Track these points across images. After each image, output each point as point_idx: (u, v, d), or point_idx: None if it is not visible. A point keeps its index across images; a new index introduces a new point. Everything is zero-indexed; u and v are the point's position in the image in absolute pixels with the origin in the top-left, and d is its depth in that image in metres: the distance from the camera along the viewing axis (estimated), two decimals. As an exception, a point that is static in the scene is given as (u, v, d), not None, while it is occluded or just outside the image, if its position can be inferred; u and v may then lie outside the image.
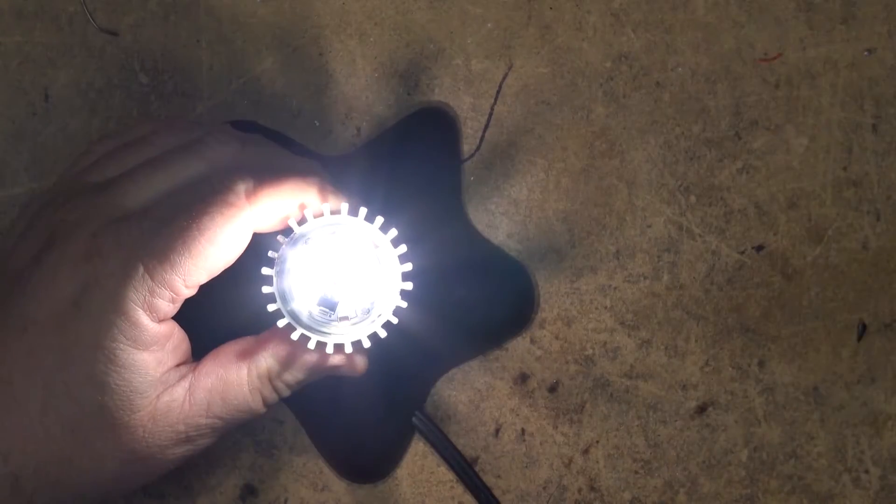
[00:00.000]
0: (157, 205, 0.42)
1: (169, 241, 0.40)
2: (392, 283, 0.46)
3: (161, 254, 0.40)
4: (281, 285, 0.46)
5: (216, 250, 0.41)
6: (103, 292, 0.41)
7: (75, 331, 0.41)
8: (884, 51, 0.49)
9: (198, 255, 0.41)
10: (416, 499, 0.49)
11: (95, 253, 0.41)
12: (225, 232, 0.41)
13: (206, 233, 0.41)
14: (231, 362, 0.44)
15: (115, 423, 0.41)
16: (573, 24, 0.50)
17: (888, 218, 0.49)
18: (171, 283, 0.41)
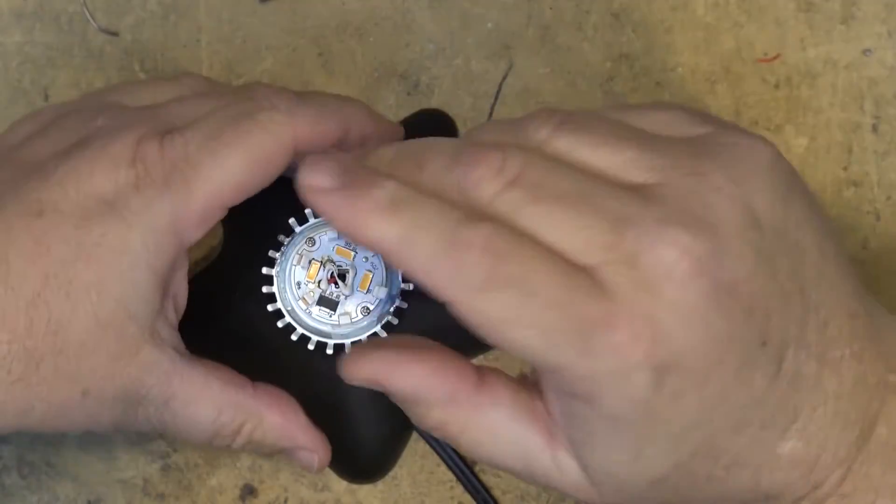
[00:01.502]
0: (204, 120, 0.40)
1: (211, 155, 0.39)
2: (392, 283, 0.46)
3: (203, 167, 0.39)
4: (281, 285, 0.46)
5: (256, 167, 0.40)
6: (142, 200, 0.39)
7: (101, 230, 0.39)
8: (884, 51, 0.49)
9: (238, 170, 0.39)
10: (416, 499, 0.49)
11: (140, 158, 0.39)
12: (267, 147, 0.40)
13: (250, 147, 0.39)
14: (220, 386, 0.42)
15: (100, 341, 0.39)
16: (573, 24, 0.50)
17: (888, 218, 0.49)
18: (209, 199, 0.39)
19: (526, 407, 0.37)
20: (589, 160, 0.35)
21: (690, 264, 0.33)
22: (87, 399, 0.40)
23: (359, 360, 0.37)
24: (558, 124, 0.35)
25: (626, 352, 0.32)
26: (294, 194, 0.47)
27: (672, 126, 0.36)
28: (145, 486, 0.49)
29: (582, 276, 0.33)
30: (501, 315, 0.33)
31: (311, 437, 0.44)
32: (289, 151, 0.40)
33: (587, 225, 0.33)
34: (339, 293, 0.46)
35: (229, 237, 0.49)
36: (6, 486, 0.49)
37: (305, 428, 0.43)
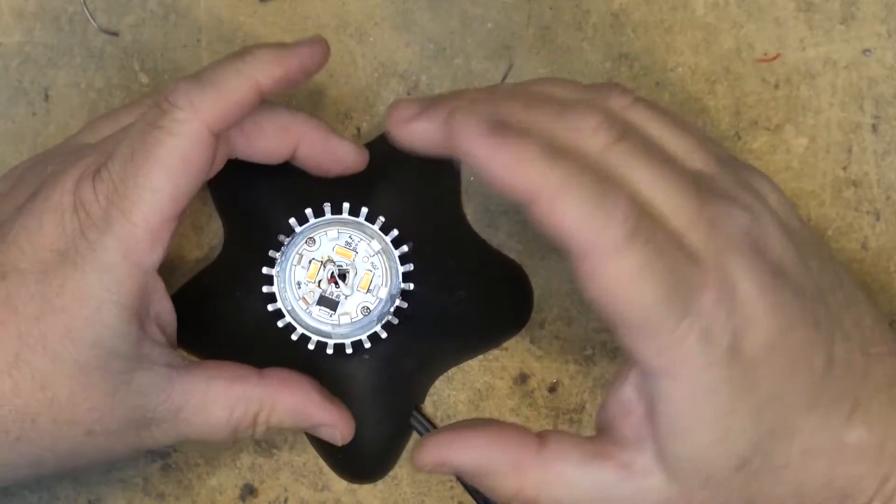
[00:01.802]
0: (120, 143, 0.40)
1: (133, 179, 0.39)
2: (392, 283, 0.46)
3: (131, 193, 0.39)
4: (281, 285, 0.46)
5: (179, 173, 0.39)
6: (88, 244, 0.39)
7: (60, 281, 0.39)
8: (883, 51, 0.49)
9: (163, 184, 0.39)
10: (416, 499, 0.49)
11: (79, 203, 0.40)
12: (180, 149, 0.39)
13: (163, 158, 0.39)
14: (226, 380, 0.43)
15: (88, 384, 0.40)
16: (573, 24, 0.50)
17: (888, 218, 0.49)
18: (150, 221, 0.39)
19: (593, 451, 0.38)
20: (661, 138, 0.37)
21: (751, 243, 0.35)
22: (94, 437, 0.41)
23: (423, 448, 0.39)
24: (634, 99, 0.38)
25: (713, 313, 0.34)
26: (294, 194, 0.47)
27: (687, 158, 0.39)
28: (145, 486, 0.49)
29: (677, 237, 0.35)
30: (632, 273, 0.34)
31: (329, 413, 0.44)
32: (207, 141, 0.40)
33: (678, 190, 0.35)
34: (339, 293, 0.46)
35: (229, 237, 0.49)
36: (7, 486, 0.49)
37: (320, 404, 0.44)
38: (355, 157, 0.45)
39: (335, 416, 0.44)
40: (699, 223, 0.35)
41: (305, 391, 0.44)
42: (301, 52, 0.42)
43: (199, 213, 0.50)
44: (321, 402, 0.44)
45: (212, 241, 0.50)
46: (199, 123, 0.40)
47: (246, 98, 0.40)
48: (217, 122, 0.40)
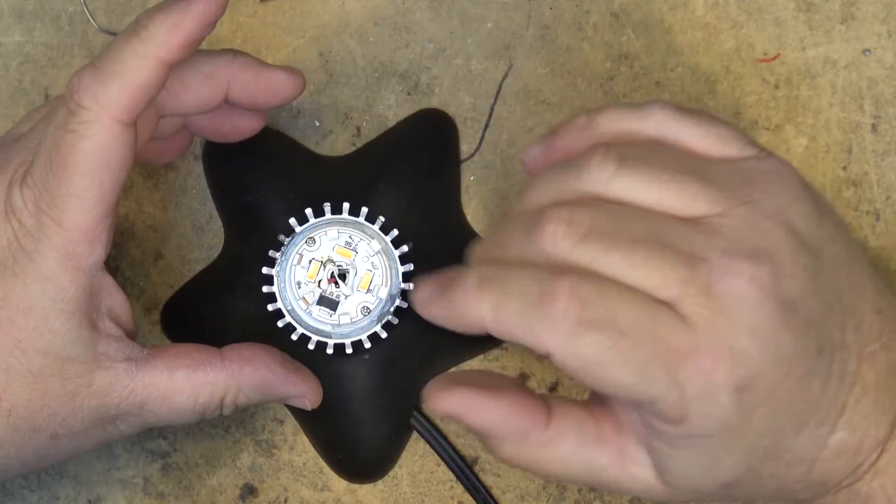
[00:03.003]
0: (41, 143, 0.40)
1: (56, 181, 0.38)
2: (392, 283, 0.46)
3: (57, 196, 0.38)
4: (281, 285, 0.46)
5: (99, 167, 0.38)
6: (25, 253, 0.39)
7: (2, 294, 0.39)
8: (883, 51, 0.49)
9: (86, 182, 0.38)
10: (416, 498, 0.49)
11: (10, 211, 0.39)
12: (89, 146, 0.38)
13: (78, 155, 0.38)
14: (188, 368, 0.42)
15: (46, 392, 0.40)
16: (573, 24, 0.50)
17: (888, 218, 0.49)
18: (82, 221, 0.39)
19: (593, 434, 0.39)
20: (655, 199, 0.37)
21: (758, 291, 0.35)
22: (59, 440, 0.41)
23: (442, 393, 0.38)
24: (619, 163, 0.37)
25: (711, 376, 0.35)
26: (294, 194, 0.47)
27: (723, 145, 0.39)
28: (145, 486, 0.49)
29: (663, 309, 0.35)
30: (596, 358, 0.35)
31: (293, 385, 0.44)
32: (121, 134, 0.39)
33: (662, 263, 0.36)
34: (339, 293, 0.46)
35: (229, 237, 0.49)
36: (6, 485, 0.49)
37: (285, 377, 0.43)
38: (291, 84, 0.44)
39: (300, 386, 0.44)
40: (691, 291, 0.35)
41: (268, 366, 0.43)
42: (196, 7, 0.39)
43: (199, 213, 0.50)
44: (285, 374, 0.43)
45: (212, 241, 0.50)
46: (109, 120, 0.38)
47: (152, 79, 0.39)
48: (127, 114, 0.39)
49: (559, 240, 0.36)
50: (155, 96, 0.39)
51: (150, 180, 0.50)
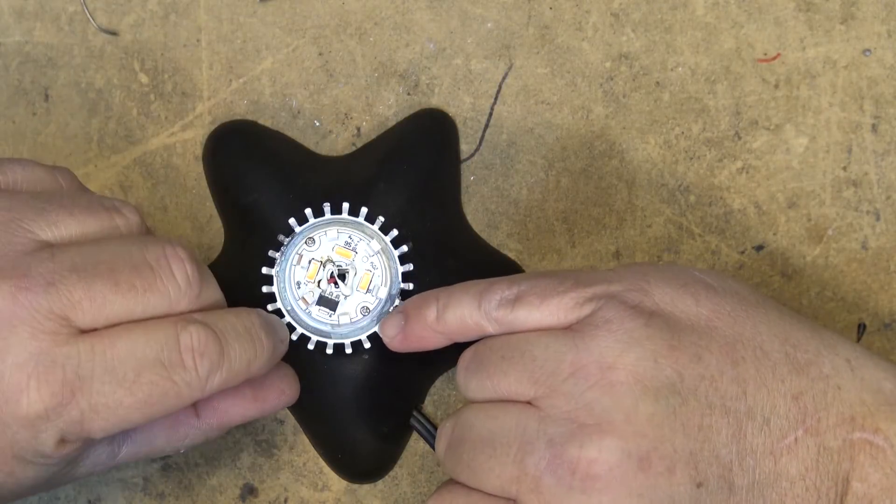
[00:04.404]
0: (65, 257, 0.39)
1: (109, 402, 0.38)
2: (392, 283, 0.46)
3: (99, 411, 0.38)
4: (281, 285, 0.46)
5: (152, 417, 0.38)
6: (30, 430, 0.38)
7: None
8: (883, 51, 0.49)
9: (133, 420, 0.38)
10: (416, 498, 0.49)
11: (42, 381, 0.37)
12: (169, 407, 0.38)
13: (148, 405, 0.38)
14: (166, 434, 0.42)
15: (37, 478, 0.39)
16: (573, 24, 0.50)
17: (888, 218, 0.49)
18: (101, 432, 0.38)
19: None
20: (492, 393, 0.40)
21: (585, 472, 0.37)
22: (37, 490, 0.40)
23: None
24: (465, 370, 0.41)
25: None
26: (294, 194, 0.47)
27: (558, 318, 0.40)
28: (145, 486, 0.49)
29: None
30: None
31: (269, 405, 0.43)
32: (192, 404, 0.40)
33: (496, 467, 0.38)
34: (338, 293, 0.46)
35: (229, 237, 0.49)
36: (6, 485, 0.49)
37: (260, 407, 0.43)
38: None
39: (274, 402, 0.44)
40: (525, 488, 0.38)
41: (242, 407, 0.43)
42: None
43: (199, 213, 0.50)
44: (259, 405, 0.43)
45: (212, 241, 0.50)
46: (201, 396, 0.39)
47: (238, 382, 0.40)
48: (208, 395, 0.39)
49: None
50: None
51: (150, 180, 0.50)
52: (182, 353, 0.38)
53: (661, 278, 0.40)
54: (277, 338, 0.42)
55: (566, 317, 0.40)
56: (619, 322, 0.39)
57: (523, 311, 0.40)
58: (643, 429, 0.37)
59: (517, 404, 0.39)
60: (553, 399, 0.38)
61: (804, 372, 0.39)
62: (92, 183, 0.50)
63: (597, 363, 0.38)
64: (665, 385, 0.37)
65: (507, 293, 0.41)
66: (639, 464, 0.37)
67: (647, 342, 0.38)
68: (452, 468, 0.40)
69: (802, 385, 0.38)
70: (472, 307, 0.41)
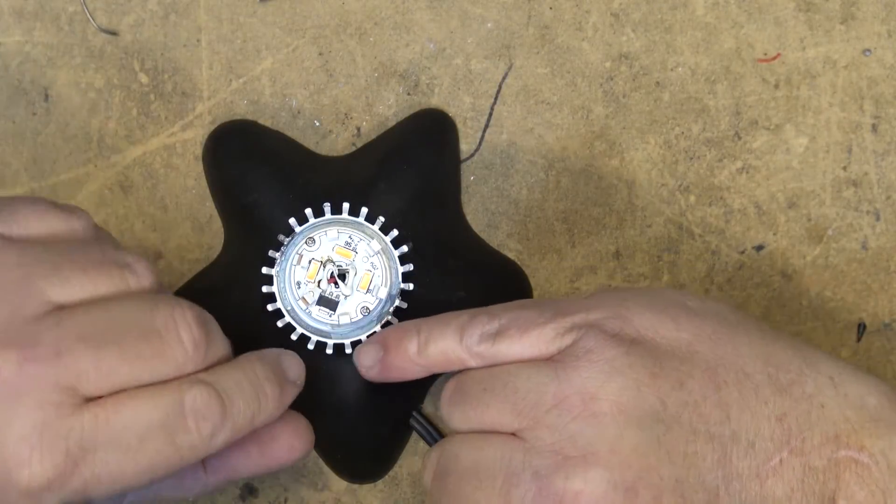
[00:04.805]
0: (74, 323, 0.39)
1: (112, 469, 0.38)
2: (392, 283, 0.46)
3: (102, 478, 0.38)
4: (281, 285, 0.46)
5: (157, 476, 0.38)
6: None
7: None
8: (883, 51, 0.49)
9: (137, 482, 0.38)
10: (416, 498, 0.49)
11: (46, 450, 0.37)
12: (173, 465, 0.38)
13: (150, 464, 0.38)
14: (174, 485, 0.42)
15: None
16: (573, 24, 0.50)
17: (888, 218, 0.49)
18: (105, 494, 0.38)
19: None
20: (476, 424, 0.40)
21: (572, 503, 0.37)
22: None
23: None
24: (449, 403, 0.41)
25: None
26: (294, 194, 0.47)
27: (539, 349, 0.40)
28: (145, 486, 0.49)
29: None
30: None
31: (276, 460, 0.43)
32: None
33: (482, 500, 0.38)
34: (338, 293, 0.46)
35: (229, 237, 0.49)
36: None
37: (266, 464, 0.43)
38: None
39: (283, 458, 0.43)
40: None
41: (249, 464, 0.43)
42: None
43: (199, 213, 0.50)
44: (265, 463, 0.43)
45: (212, 241, 0.50)
46: (205, 455, 0.39)
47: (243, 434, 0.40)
48: (212, 453, 0.39)
49: None
50: None
51: (150, 180, 0.50)
52: (186, 417, 0.38)
53: (640, 304, 0.40)
54: (288, 382, 0.42)
55: (547, 348, 0.40)
56: (600, 351, 0.39)
57: (504, 344, 0.41)
58: (628, 459, 0.37)
59: (501, 436, 0.39)
60: (537, 431, 0.38)
61: (787, 392, 0.39)
62: (92, 183, 0.50)
63: (579, 394, 0.38)
64: (648, 414, 0.38)
65: (487, 327, 0.41)
66: (625, 494, 0.37)
67: (629, 371, 0.38)
68: (438, 499, 0.40)
69: (786, 406, 0.38)
70: (454, 341, 0.41)
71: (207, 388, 0.38)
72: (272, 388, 0.41)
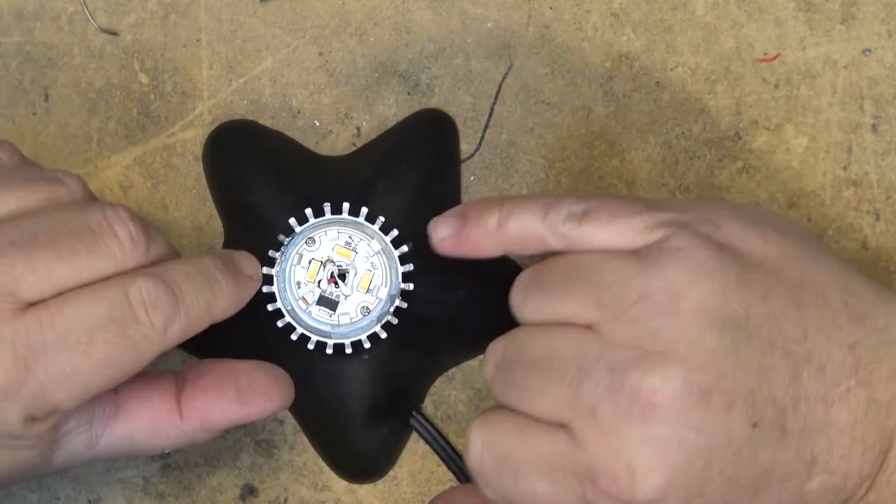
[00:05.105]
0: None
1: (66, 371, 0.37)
2: (392, 283, 0.46)
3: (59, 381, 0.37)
4: (281, 285, 0.46)
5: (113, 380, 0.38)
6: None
7: None
8: (883, 51, 0.49)
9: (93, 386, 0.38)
10: (416, 499, 0.49)
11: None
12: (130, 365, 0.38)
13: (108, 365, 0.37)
14: (148, 435, 0.41)
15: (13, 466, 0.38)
16: (573, 24, 0.50)
17: (888, 218, 0.49)
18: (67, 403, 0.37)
19: None
20: (550, 313, 0.39)
21: (646, 400, 0.36)
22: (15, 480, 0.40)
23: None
24: (523, 290, 0.40)
25: (614, 496, 0.36)
26: (294, 194, 0.47)
27: (626, 239, 0.39)
28: (145, 486, 0.49)
29: (561, 433, 0.37)
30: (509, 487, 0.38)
31: (256, 410, 0.42)
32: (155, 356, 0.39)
33: (550, 390, 0.37)
34: (339, 293, 0.46)
35: (229, 237, 0.49)
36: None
37: (244, 412, 0.42)
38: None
39: (262, 407, 0.42)
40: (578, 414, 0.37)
41: (226, 411, 0.42)
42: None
43: (199, 213, 0.50)
44: (244, 410, 0.42)
45: (212, 241, 0.50)
46: (163, 348, 0.38)
47: (202, 327, 0.40)
48: (171, 346, 0.39)
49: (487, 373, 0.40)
50: None
51: (150, 180, 0.50)
52: (134, 308, 0.37)
53: (731, 213, 0.39)
54: (243, 276, 0.41)
55: (634, 239, 0.38)
56: (690, 251, 0.37)
57: (590, 227, 0.39)
58: (706, 362, 0.36)
59: (577, 327, 0.38)
60: (617, 324, 0.37)
61: (861, 322, 0.38)
62: (92, 183, 0.50)
63: (665, 291, 0.37)
64: (731, 320, 0.36)
65: (574, 207, 0.39)
66: (699, 397, 0.36)
67: (718, 274, 0.37)
68: (501, 390, 0.39)
69: (859, 335, 0.38)
70: (537, 218, 0.40)
71: (153, 279, 0.38)
72: (225, 277, 0.40)
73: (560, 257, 0.39)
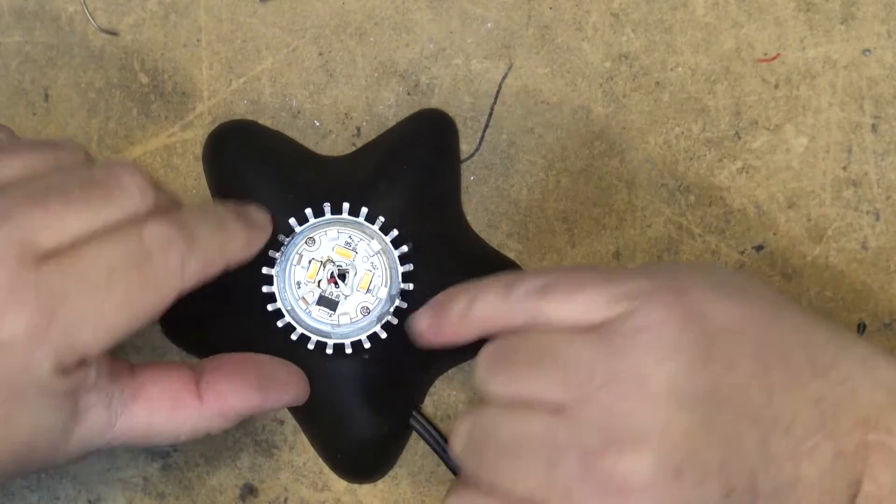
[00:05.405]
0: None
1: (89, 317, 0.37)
2: (392, 283, 0.47)
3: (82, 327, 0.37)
4: (281, 285, 0.46)
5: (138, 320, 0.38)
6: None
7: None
8: (883, 51, 0.49)
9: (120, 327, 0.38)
10: (416, 499, 0.49)
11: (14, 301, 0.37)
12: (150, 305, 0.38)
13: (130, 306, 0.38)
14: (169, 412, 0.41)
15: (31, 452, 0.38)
16: (573, 24, 0.50)
17: (887, 218, 0.49)
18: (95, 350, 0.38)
19: None
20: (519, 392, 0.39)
21: (621, 484, 0.36)
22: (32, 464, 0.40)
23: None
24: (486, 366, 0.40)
25: None
26: (294, 194, 0.47)
27: (590, 314, 0.39)
28: (145, 486, 0.49)
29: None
30: None
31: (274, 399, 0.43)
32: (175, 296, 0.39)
33: (522, 474, 0.37)
34: (338, 293, 0.46)
35: (229, 237, 0.49)
36: (7, 485, 0.49)
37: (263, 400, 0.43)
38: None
39: (280, 397, 0.44)
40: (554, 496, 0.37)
41: (245, 397, 0.42)
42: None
43: (199, 213, 0.50)
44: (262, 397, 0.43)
45: (212, 240, 0.50)
46: (181, 287, 0.39)
47: (218, 269, 0.40)
48: (189, 286, 0.39)
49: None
50: None
51: (150, 180, 0.50)
52: (149, 247, 0.38)
53: (693, 278, 0.39)
54: (253, 223, 0.42)
55: (596, 313, 0.39)
56: (654, 329, 0.38)
57: (552, 301, 0.39)
58: (678, 441, 0.36)
59: (544, 410, 0.38)
60: (585, 407, 0.37)
61: (825, 376, 0.38)
62: (92, 183, 0.50)
63: (632, 373, 0.37)
64: (700, 396, 0.37)
65: (535, 282, 0.40)
66: (673, 475, 0.36)
67: (684, 352, 0.37)
68: (473, 469, 0.39)
69: (823, 390, 0.38)
70: (500, 297, 0.40)
71: (166, 220, 0.39)
72: (236, 223, 0.41)
73: (526, 333, 0.40)
